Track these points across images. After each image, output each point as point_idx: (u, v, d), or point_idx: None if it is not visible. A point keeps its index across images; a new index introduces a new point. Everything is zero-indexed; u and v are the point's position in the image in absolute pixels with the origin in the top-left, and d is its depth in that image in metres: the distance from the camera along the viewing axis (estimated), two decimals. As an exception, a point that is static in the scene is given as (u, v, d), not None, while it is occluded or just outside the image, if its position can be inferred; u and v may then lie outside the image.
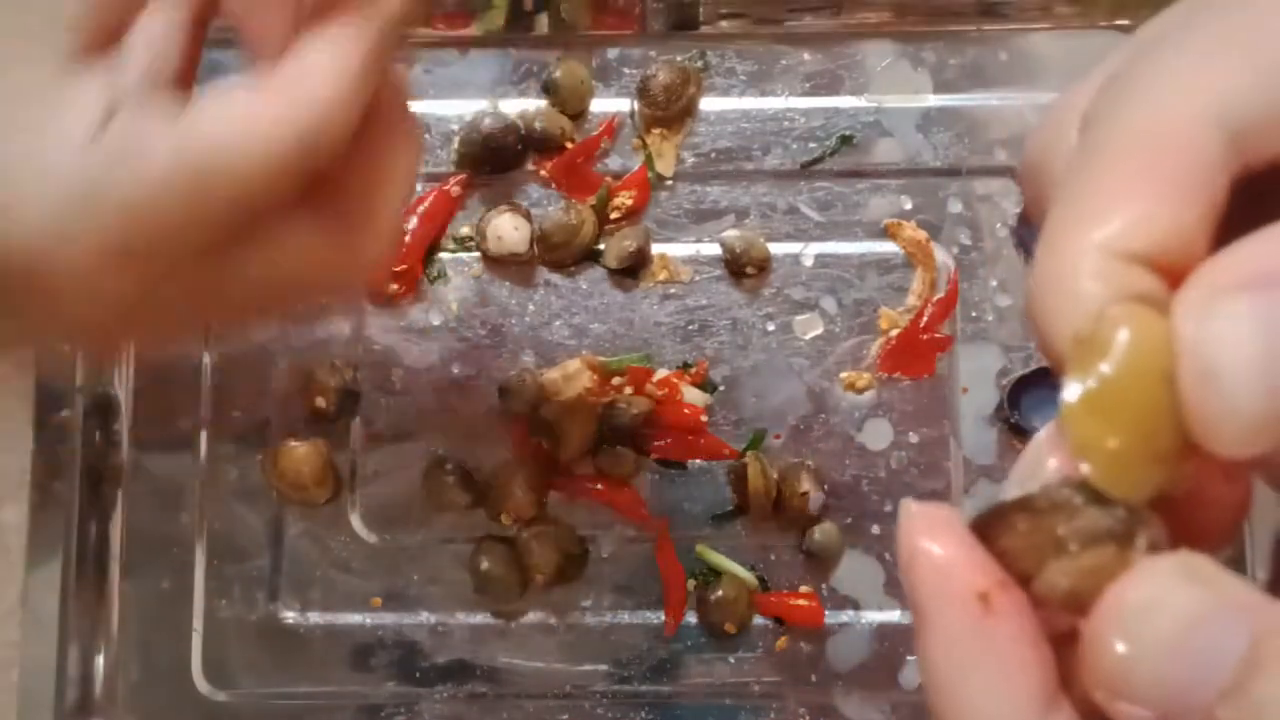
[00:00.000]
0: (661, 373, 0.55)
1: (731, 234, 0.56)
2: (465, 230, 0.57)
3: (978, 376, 0.55)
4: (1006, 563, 0.19)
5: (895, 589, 0.54)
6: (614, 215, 0.56)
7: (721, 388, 0.56)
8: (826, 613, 0.54)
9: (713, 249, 0.56)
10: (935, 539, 0.19)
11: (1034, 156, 0.23)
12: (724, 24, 0.57)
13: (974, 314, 0.56)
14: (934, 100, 0.57)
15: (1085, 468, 0.18)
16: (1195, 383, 0.17)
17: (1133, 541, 0.18)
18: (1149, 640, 0.17)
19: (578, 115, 0.57)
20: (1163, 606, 0.17)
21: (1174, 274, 0.19)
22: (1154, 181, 0.19)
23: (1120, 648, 0.17)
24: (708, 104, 0.57)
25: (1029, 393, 0.54)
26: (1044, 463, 0.20)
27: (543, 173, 0.57)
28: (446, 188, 0.57)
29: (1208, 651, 0.17)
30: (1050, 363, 0.20)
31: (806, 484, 0.53)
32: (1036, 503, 0.19)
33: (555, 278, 0.57)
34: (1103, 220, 0.19)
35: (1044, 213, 0.21)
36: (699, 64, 0.57)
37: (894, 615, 0.54)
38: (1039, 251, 0.20)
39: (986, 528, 0.19)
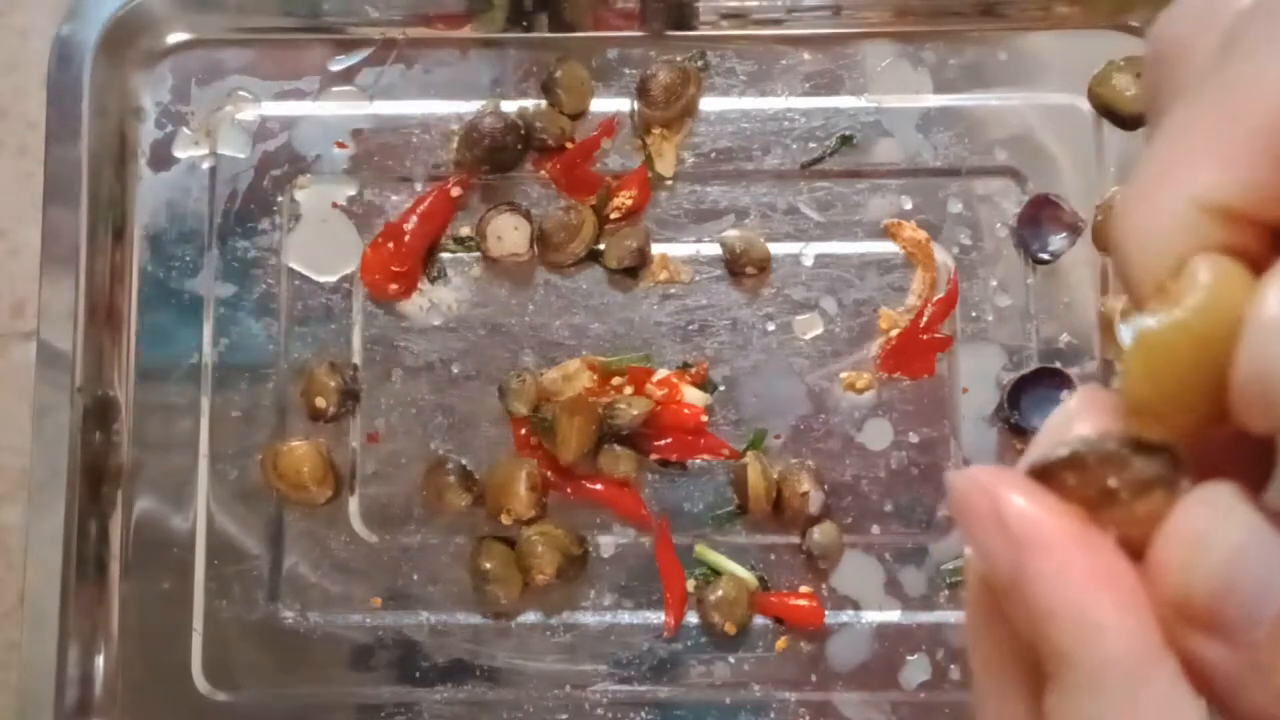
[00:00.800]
0: (661, 373, 0.55)
1: (731, 234, 0.56)
2: (465, 230, 0.57)
3: (978, 376, 0.55)
4: None
5: (895, 589, 0.54)
6: (614, 215, 0.56)
7: (721, 388, 0.56)
8: (826, 613, 0.54)
9: (713, 249, 0.56)
10: (1015, 490, 0.19)
11: (1169, 42, 0.21)
12: (724, 24, 0.57)
13: (974, 314, 0.56)
14: (934, 100, 0.57)
15: (1132, 400, 0.19)
16: (1250, 360, 0.17)
17: (1178, 486, 0.19)
18: (1207, 565, 0.18)
19: (578, 115, 0.57)
20: (1215, 532, 0.18)
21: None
22: (1266, 144, 0.18)
23: (1182, 576, 0.18)
24: (708, 104, 0.57)
25: (1029, 393, 0.54)
26: (1072, 429, 0.20)
27: (543, 173, 0.57)
28: (446, 188, 0.57)
29: (1262, 568, 0.17)
30: (1127, 294, 0.20)
31: (806, 484, 0.53)
32: (1084, 458, 0.19)
33: (555, 278, 0.57)
34: (1210, 167, 0.18)
35: (1163, 106, 0.20)
36: (699, 64, 0.57)
37: (894, 615, 0.54)
38: (1137, 175, 0.19)
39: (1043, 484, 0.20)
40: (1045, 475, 0.20)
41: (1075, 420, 0.20)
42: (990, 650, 0.21)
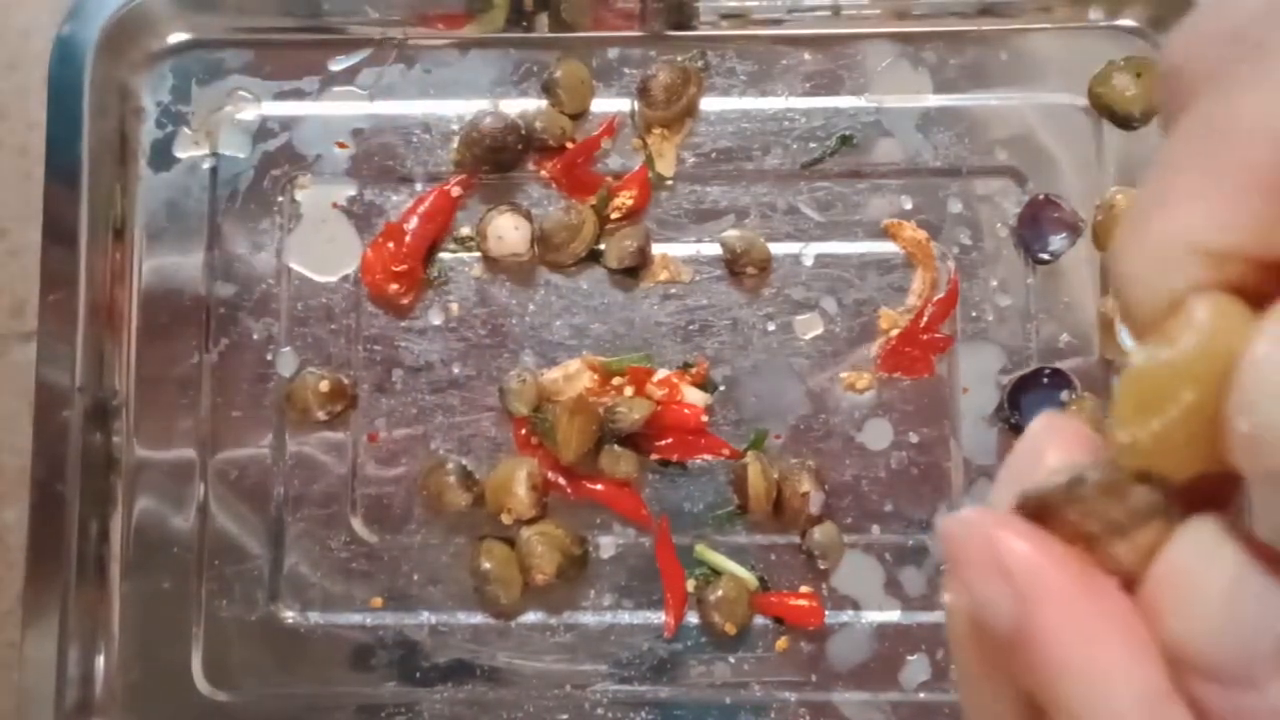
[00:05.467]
0: (662, 373, 0.55)
1: (731, 234, 0.56)
2: (465, 230, 0.57)
3: (978, 376, 0.55)
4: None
5: (895, 589, 0.54)
6: (614, 215, 0.56)
7: (721, 388, 0.56)
8: (826, 613, 0.54)
9: (713, 249, 0.56)
10: (1016, 535, 0.19)
11: (1179, 59, 0.20)
12: (724, 24, 0.58)
13: (974, 314, 0.56)
14: (934, 100, 0.57)
15: (1123, 438, 0.18)
16: (1241, 402, 0.17)
17: (1174, 514, 0.18)
18: (1197, 611, 0.18)
19: (578, 115, 0.57)
20: (1203, 575, 0.18)
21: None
22: (1252, 183, 0.18)
23: (1175, 623, 0.18)
24: (708, 104, 0.57)
25: (1029, 393, 0.54)
26: (1042, 456, 0.20)
27: (543, 173, 0.57)
28: (446, 188, 0.57)
29: (1252, 610, 0.17)
30: (1126, 326, 0.19)
31: (806, 484, 0.53)
32: (1082, 490, 0.19)
33: (555, 278, 0.57)
34: (1198, 209, 0.18)
35: (1176, 114, 0.20)
36: (699, 64, 0.57)
37: (894, 615, 0.54)
38: (1134, 211, 0.19)
39: (1036, 520, 0.19)
40: (1040, 510, 0.19)
41: (1046, 450, 0.20)
42: (986, 701, 0.20)
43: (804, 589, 0.54)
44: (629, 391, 0.55)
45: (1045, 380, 0.54)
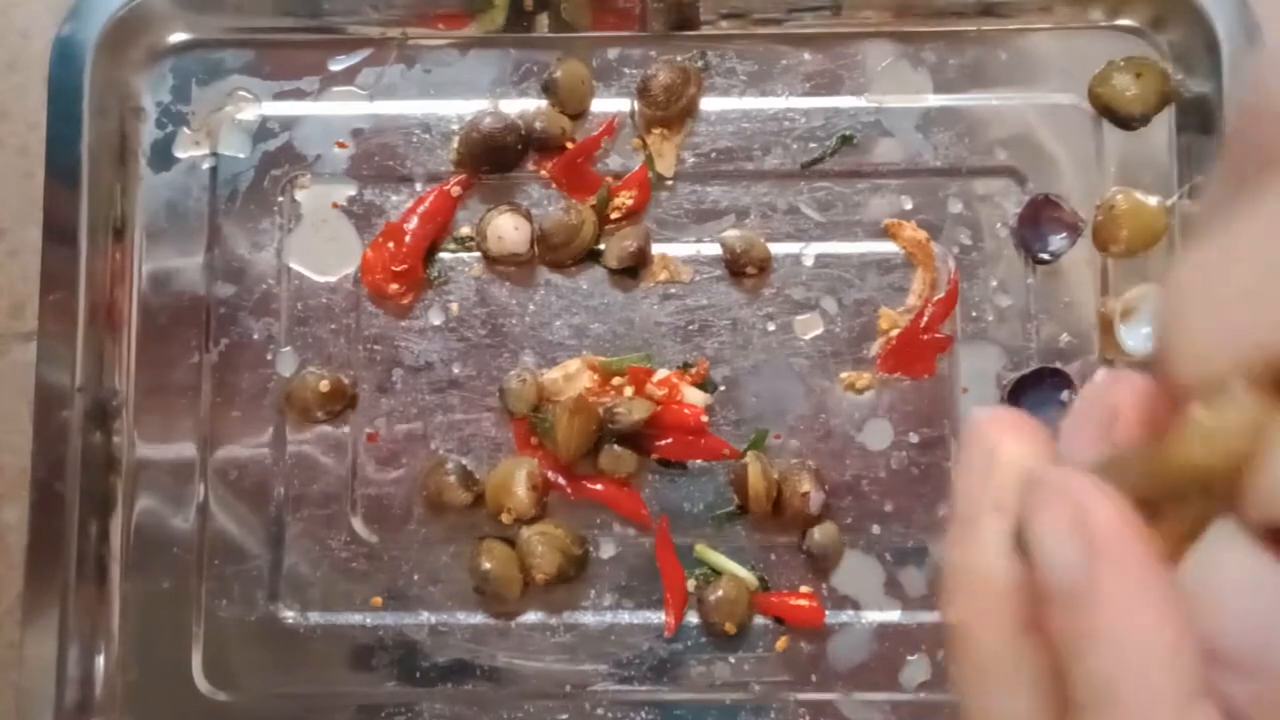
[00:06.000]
0: (662, 373, 0.55)
1: (731, 234, 0.56)
2: (465, 230, 0.57)
3: (978, 376, 0.55)
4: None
5: (895, 589, 0.54)
6: (614, 215, 0.56)
7: (721, 388, 0.56)
8: (826, 613, 0.54)
9: (713, 249, 0.56)
10: (1104, 496, 0.19)
11: (1260, 98, 0.20)
12: (724, 24, 0.57)
13: (974, 314, 0.56)
14: (934, 100, 0.57)
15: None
16: (1266, 482, 0.18)
17: (1213, 505, 0.19)
18: (1226, 596, 0.19)
19: (578, 115, 0.57)
20: (1230, 565, 0.19)
21: None
22: None
23: (1203, 609, 0.19)
24: (708, 104, 0.57)
25: (1029, 393, 0.54)
26: (1117, 413, 0.21)
27: (543, 173, 0.57)
28: (446, 188, 0.57)
29: (1268, 605, 0.18)
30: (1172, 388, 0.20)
31: (806, 484, 0.53)
32: (1144, 465, 0.20)
33: (555, 278, 0.57)
34: (1246, 326, 0.19)
35: (1260, 164, 0.20)
36: (699, 64, 0.57)
37: (894, 615, 0.54)
38: (1186, 275, 0.20)
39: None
40: (1113, 470, 0.20)
41: (1121, 407, 0.21)
42: (1005, 658, 0.20)
43: (804, 589, 0.54)
44: (629, 391, 0.55)
45: (1045, 380, 0.54)
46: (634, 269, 0.56)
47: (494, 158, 0.56)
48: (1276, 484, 0.18)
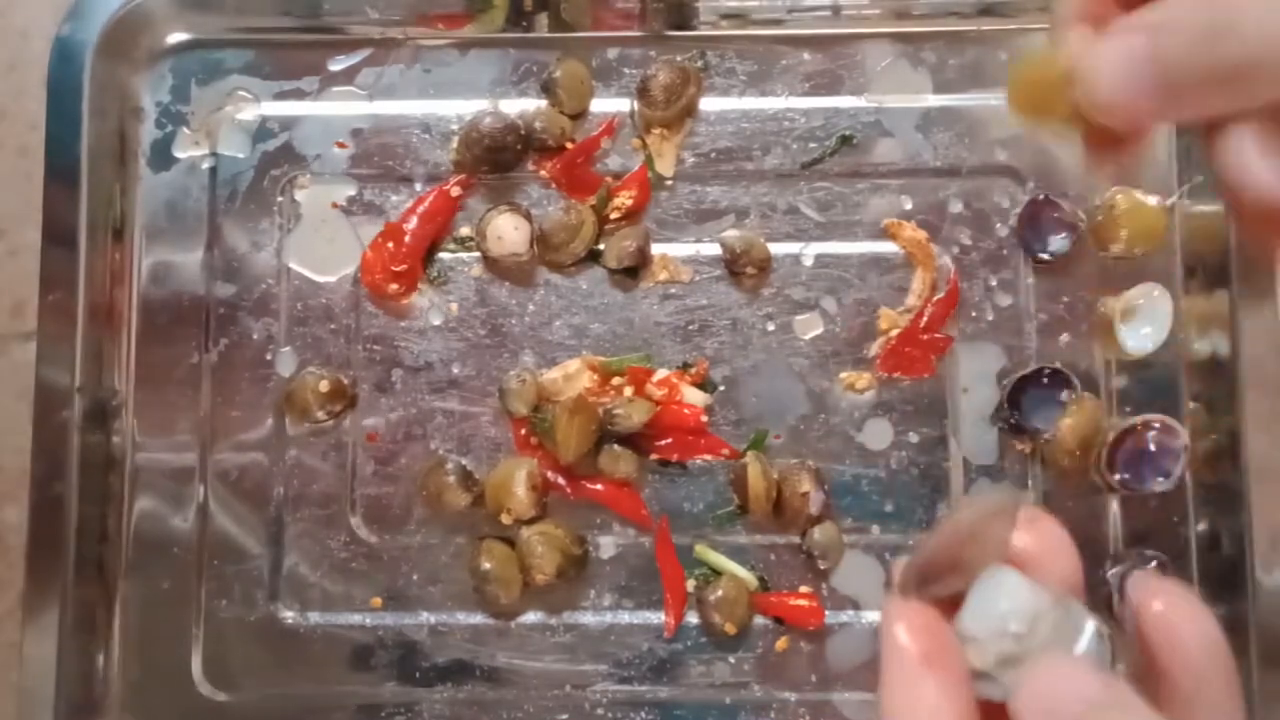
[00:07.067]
0: (661, 373, 0.55)
1: (731, 234, 0.56)
2: (465, 230, 0.57)
3: (978, 376, 0.55)
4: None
5: (895, 589, 0.54)
6: (614, 215, 0.56)
7: (721, 388, 0.56)
8: (826, 613, 0.54)
9: (713, 249, 0.56)
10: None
11: None
12: (724, 24, 0.57)
13: (974, 314, 0.56)
14: (934, 100, 0.57)
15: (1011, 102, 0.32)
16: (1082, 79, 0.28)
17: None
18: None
19: (578, 115, 0.57)
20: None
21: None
22: None
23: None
24: (708, 104, 0.57)
25: (1029, 393, 0.54)
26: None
27: (543, 173, 0.57)
28: (446, 188, 0.57)
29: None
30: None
31: (806, 484, 0.53)
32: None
33: (555, 278, 0.57)
34: None
35: None
36: (699, 64, 0.57)
37: (894, 615, 0.54)
38: None
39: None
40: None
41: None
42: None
43: (804, 589, 0.54)
44: (629, 391, 0.55)
45: (1045, 380, 0.54)
46: (634, 269, 0.56)
47: (494, 158, 0.56)
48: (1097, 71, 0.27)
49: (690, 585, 0.55)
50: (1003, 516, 0.27)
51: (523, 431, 0.55)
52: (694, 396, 0.55)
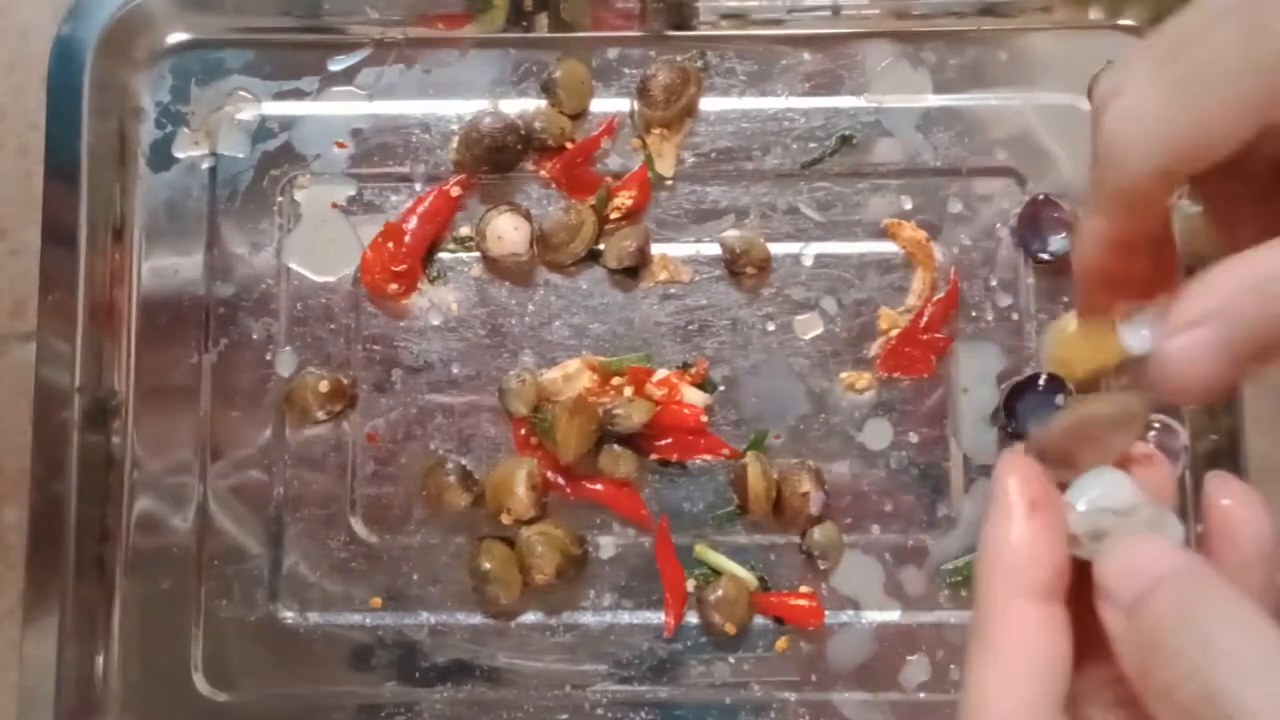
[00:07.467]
0: (661, 373, 0.55)
1: (731, 234, 0.56)
2: (465, 230, 0.57)
3: (978, 376, 0.55)
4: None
5: (895, 589, 0.54)
6: (614, 215, 0.56)
7: (721, 388, 0.56)
8: (826, 613, 0.54)
9: (713, 249, 0.56)
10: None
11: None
12: (724, 24, 0.57)
13: (974, 314, 0.56)
14: (934, 100, 0.57)
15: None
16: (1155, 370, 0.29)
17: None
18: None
19: (578, 115, 0.57)
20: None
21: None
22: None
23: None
24: (708, 104, 0.57)
25: (1024, 399, 0.54)
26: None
27: (543, 173, 0.57)
28: (446, 188, 0.57)
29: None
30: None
31: (806, 484, 0.53)
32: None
33: (555, 278, 0.57)
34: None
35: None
36: (699, 64, 0.57)
37: (894, 615, 0.54)
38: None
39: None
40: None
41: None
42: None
43: (804, 589, 0.54)
44: (628, 392, 0.55)
45: (1040, 386, 0.54)
46: (634, 269, 0.56)
47: (494, 158, 0.56)
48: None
49: (690, 585, 0.55)
50: (1129, 428, 0.29)
51: (522, 431, 0.55)
52: (694, 396, 0.55)
